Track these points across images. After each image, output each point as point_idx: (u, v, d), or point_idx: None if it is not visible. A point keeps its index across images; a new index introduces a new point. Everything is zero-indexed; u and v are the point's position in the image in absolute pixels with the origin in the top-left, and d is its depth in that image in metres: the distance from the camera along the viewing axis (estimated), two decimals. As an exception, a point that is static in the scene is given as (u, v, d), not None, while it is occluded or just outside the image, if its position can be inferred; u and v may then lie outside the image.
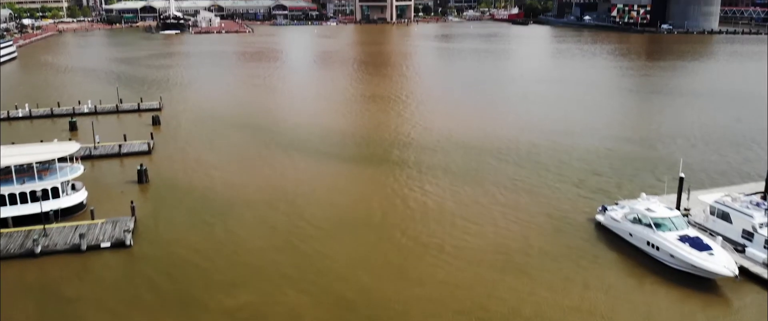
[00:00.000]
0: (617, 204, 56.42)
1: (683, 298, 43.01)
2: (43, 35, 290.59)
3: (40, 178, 57.61)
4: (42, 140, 79.11)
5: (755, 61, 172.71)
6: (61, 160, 60.70)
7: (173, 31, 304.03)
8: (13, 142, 76.51)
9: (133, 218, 56.21)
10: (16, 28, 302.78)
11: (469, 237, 52.61)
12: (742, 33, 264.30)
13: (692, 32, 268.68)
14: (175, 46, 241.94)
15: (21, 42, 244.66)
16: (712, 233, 50.19)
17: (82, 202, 59.97)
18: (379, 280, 45.68)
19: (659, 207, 50.28)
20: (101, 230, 53.77)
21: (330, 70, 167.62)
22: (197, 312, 41.83)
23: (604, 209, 55.06)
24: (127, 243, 51.52)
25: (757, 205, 49.77)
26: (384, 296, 43.39)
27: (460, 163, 74.41)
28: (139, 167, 69.25)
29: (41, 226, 53.93)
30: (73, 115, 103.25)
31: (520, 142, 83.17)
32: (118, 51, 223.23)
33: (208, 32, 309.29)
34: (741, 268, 44.60)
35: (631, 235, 50.45)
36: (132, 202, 58.11)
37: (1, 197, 55.52)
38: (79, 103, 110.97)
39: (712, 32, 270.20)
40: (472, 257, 48.78)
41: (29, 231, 53.77)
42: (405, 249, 50.81)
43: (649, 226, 48.70)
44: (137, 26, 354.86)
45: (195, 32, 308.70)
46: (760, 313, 40.99)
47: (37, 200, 55.42)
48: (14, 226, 55.04)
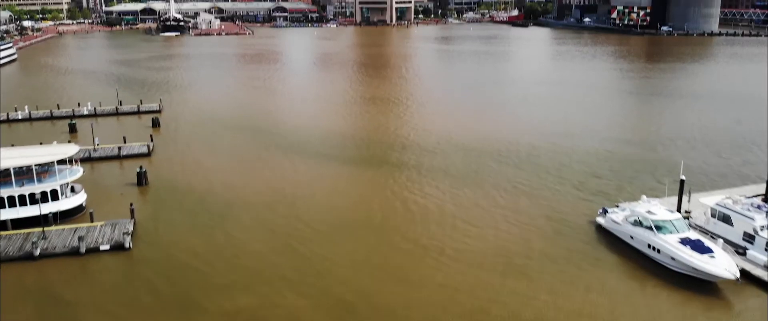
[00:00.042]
0: (618, 206, 56.31)
1: (684, 301, 42.84)
2: (43, 37, 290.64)
3: (40, 181, 57.49)
4: (41, 142, 78.88)
5: (755, 63, 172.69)
6: (61, 163, 60.59)
7: (173, 33, 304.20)
8: (13, 145, 76.45)
9: (133, 221, 56.06)
10: (16, 30, 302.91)
11: (470, 240, 52.44)
12: (742, 35, 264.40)
13: (692, 34, 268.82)
14: (175, 48, 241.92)
15: (21, 44, 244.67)
16: (713, 236, 50.03)
17: (82, 205, 59.85)
18: (379, 283, 45.51)
19: (660, 209, 50.13)
20: (100, 233, 53.61)
21: (330, 72, 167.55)
22: (196, 315, 41.66)
23: (605, 212, 54.91)
24: (127, 246, 51.36)
25: (758, 207, 49.65)
26: (384, 299, 43.21)
27: (460, 165, 74.27)
28: (139, 169, 69.12)
29: (40, 229, 53.79)
30: (73, 117, 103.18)
31: (520, 144, 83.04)
32: (118, 53, 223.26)
33: (208, 34, 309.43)
34: (742, 271, 44.43)
35: (631, 238, 50.29)
36: (131, 205, 57.99)
37: (0, 199, 55.37)
38: (79, 105, 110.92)
39: (712, 34, 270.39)
40: (473, 260, 48.62)
41: (28, 233, 53.62)
42: (405, 252, 50.64)
43: (650, 228, 48.54)
44: (137, 28, 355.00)
45: (195, 34, 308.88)
46: (762, 316, 40.83)
47: (37, 203, 55.30)
48: (13, 228, 54.95)
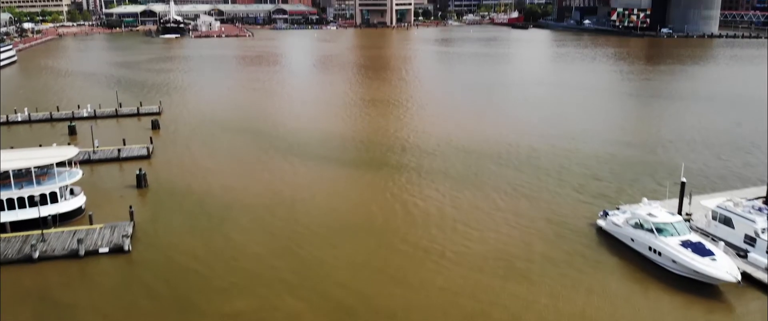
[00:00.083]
0: (618, 209, 56.11)
1: (686, 304, 42.65)
2: (43, 39, 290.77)
3: (39, 183, 57.34)
4: (41, 144, 78.83)
5: (755, 65, 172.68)
6: (60, 165, 60.38)
7: (173, 35, 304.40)
8: (12, 147, 76.38)
9: (132, 223, 55.90)
10: (16, 32, 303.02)
11: (470, 243, 52.23)
12: (742, 37, 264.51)
13: (692, 36, 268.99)
14: (175, 50, 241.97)
15: (21, 46, 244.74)
16: (715, 238, 49.86)
17: (81, 207, 59.65)
18: (378, 286, 45.31)
19: (661, 212, 49.95)
20: (100, 235, 53.43)
21: (330, 74, 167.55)
22: (195, 318, 41.44)
23: (606, 214, 54.73)
24: (126, 248, 51.18)
25: (760, 210, 49.52)
26: (384, 303, 42.99)
27: (460, 167, 74.11)
28: (138, 172, 68.97)
29: (39, 231, 53.61)
30: (73, 119, 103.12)
31: (520, 147, 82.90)
32: (118, 55, 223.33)
33: (208, 36, 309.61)
34: (743, 274, 44.23)
35: (632, 241, 50.11)
36: (130, 207, 57.83)
37: (-1, 202, 55.28)
38: (79, 107, 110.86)
39: (712, 36, 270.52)
40: (474, 263, 48.41)
41: (27, 236, 53.44)
42: (405, 254, 50.43)
43: (651, 231, 48.37)
44: (137, 30, 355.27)
45: (195, 36, 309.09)
46: (763, 319, 40.64)
47: (36, 205, 55.09)
48: (12, 231, 54.73)
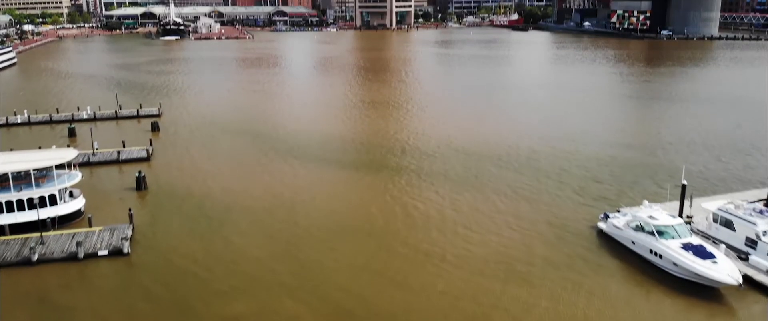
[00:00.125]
0: (619, 211, 55.98)
1: (687, 307, 42.46)
2: (43, 41, 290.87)
3: (38, 185, 57.17)
4: (40, 147, 78.79)
5: (755, 67, 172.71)
6: (59, 167, 60.21)
7: (173, 37, 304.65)
8: (12, 149, 76.25)
9: (131, 226, 55.72)
10: (16, 34, 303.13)
11: (471, 246, 52.04)
12: (742, 39, 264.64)
13: (692, 38, 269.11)
14: (175, 52, 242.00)
15: (21, 48, 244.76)
16: (716, 241, 49.71)
17: (80, 210, 59.48)
18: (378, 289, 45.12)
19: (662, 214, 49.79)
20: (99, 238, 53.25)
21: (330, 76, 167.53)
22: (195, 321, 41.30)
23: (606, 216, 54.56)
24: (125, 251, 51.00)
25: (761, 212, 49.32)
26: (384, 306, 42.79)
27: (460, 169, 73.98)
28: (138, 174, 68.83)
29: (38, 234, 53.40)
30: (72, 121, 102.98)
31: (520, 149, 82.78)
32: (118, 57, 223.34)
33: (208, 38, 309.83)
34: (745, 277, 44.06)
35: (633, 243, 49.94)
36: (130, 210, 57.68)
37: (-2, 204, 55.13)
38: (78, 109, 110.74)
39: (712, 38, 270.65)
40: (474, 266, 48.21)
41: (26, 238, 53.24)
42: (405, 258, 50.24)
43: (652, 233, 48.22)
44: (137, 32, 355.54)
45: (195, 38, 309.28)
46: (765, 323, 40.52)
47: (35, 207, 54.91)
48: (11, 233, 54.48)
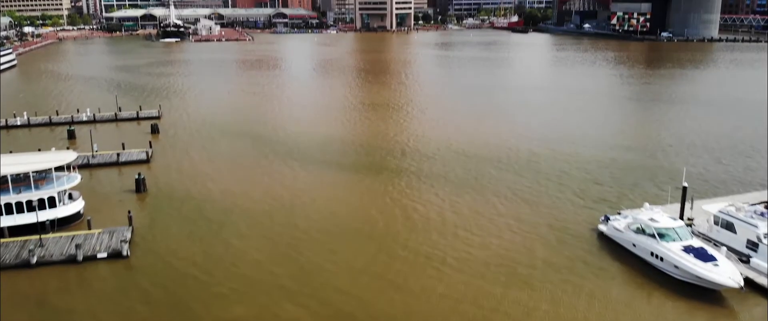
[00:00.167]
0: (620, 214, 55.83)
1: (688, 310, 42.30)
2: (43, 43, 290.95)
3: (37, 188, 57.03)
4: (40, 149, 78.68)
5: (755, 69, 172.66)
6: (58, 169, 60.12)
7: (173, 39, 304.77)
8: (11, 151, 76.06)
9: (131, 228, 55.59)
10: (16, 35, 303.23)
11: (472, 248, 51.81)
12: (742, 41, 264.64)
13: (692, 40, 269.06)
14: (175, 54, 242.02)
15: (21, 50, 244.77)
16: (717, 243, 49.56)
17: (79, 212, 59.34)
18: (378, 292, 44.93)
19: (663, 217, 49.63)
20: (98, 240, 53.10)
21: (329, 78, 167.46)
22: (194, 324, 41.15)
23: (607, 219, 54.41)
24: (124, 253, 50.86)
25: (762, 214, 49.14)
26: (384, 310, 42.61)
27: (460, 171, 73.84)
28: (137, 176, 68.68)
29: (37, 236, 53.24)
30: (72, 123, 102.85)
31: (520, 151, 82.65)
32: (118, 59, 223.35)
33: (208, 40, 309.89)
34: (746, 279, 43.91)
35: (634, 246, 49.79)
36: (129, 212, 57.55)
37: (-3, 207, 55.00)
38: (78, 111, 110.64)
39: (711, 40, 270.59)
40: (475, 269, 48.02)
41: (25, 241, 53.11)
42: (405, 260, 50.06)
43: (653, 236, 48.06)
44: (137, 34, 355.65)
45: (195, 40, 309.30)
46: (766, 326, 40.37)
47: (34, 210, 54.78)
48: (10, 235, 54.38)
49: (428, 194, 65.89)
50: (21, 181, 57.38)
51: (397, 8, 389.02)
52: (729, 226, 49.90)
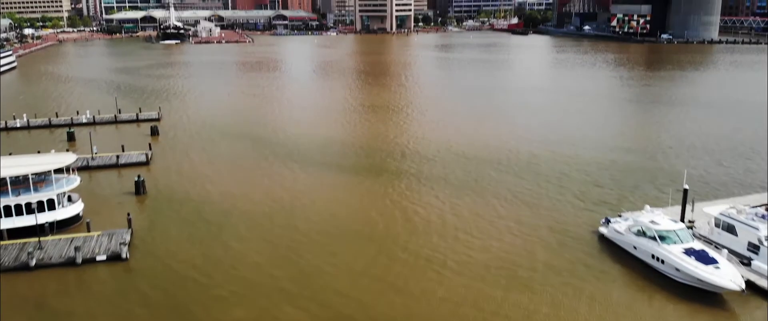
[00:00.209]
0: (620, 216, 55.65)
1: (690, 313, 42.14)
2: (43, 45, 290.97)
3: (36, 190, 56.88)
4: (39, 151, 78.51)
5: (755, 71, 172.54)
6: (58, 172, 59.99)
7: (173, 41, 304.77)
8: (11, 153, 75.98)
9: (130, 230, 55.44)
10: (17, 37, 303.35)
11: (472, 251, 51.64)
12: (742, 42, 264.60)
13: (692, 42, 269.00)
14: (175, 55, 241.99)
15: (21, 52, 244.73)
16: (718, 246, 49.42)
17: (78, 214, 59.20)
18: (378, 295, 44.78)
19: (663, 219, 49.49)
20: (97, 243, 52.97)
21: (329, 80, 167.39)
22: (193, 327, 41.00)
23: (608, 221, 54.25)
24: (123, 256, 50.71)
25: (763, 217, 49.04)
26: (384, 313, 42.46)
27: (460, 173, 73.71)
28: (137, 178, 68.52)
29: (36, 239, 53.10)
30: (71, 125, 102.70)
31: (520, 153, 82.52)
32: (118, 61, 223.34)
33: (208, 42, 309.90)
34: (747, 282, 43.75)
35: (635, 248, 49.65)
36: (129, 214, 57.40)
37: (-4, 209, 54.86)
38: (78, 113, 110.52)
39: (712, 42, 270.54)
40: (476, 272, 47.85)
41: (24, 243, 52.98)
42: (406, 263, 49.91)
43: (654, 238, 47.92)
44: (137, 36, 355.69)
45: (195, 42, 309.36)
46: (768, 329, 40.22)
47: (33, 212, 54.65)
48: (9, 238, 54.27)
49: (428, 196, 65.75)
50: (20, 183, 57.30)
51: (397, 10, 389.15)
52: (730, 229, 49.78)
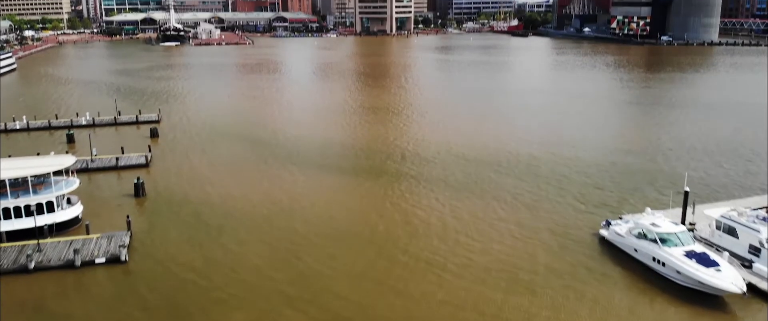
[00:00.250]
0: (621, 218, 55.50)
1: (691, 316, 41.98)
2: (43, 47, 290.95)
3: (35, 192, 56.77)
4: (39, 153, 78.40)
5: (755, 73, 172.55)
6: (57, 174, 59.78)
7: (173, 43, 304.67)
8: (10, 155, 75.84)
9: (129, 233, 55.26)
10: (16, 39, 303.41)
11: (473, 254, 51.45)
12: (742, 44, 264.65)
13: (692, 44, 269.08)
14: (175, 57, 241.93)
15: (21, 53, 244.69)
16: (719, 248, 49.29)
17: (78, 217, 59.06)
18: (378, 298, 44.60)
19: (664, 222, 49.34)
20: (96, 245, 52.79)
21: (329, 82, 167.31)
22: (192, 331, 40.83)
23: (608, 224, 54.11)
24: (123, 258, 50.54)
25: (764, 219, 48.86)
26: (384, 315, 42.28)
27: (460, 176, 73.56)
28: (136, 180, 68.36)
29: (35, 241, 52.94)
30: (71, 127, 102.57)
31: (520, 155, 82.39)
32: (118, 63, 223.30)
33: (208, 44, 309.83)
34: (748, 285, 43.62)
35: (636, 251, 49.50)
36: (128, 217, 57.24)
37: (-5, 211, 54.71)
38: (77, 115, 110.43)
39: (712, 44, 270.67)
40: (476, 275, 47.66)
41: (23, 246, 52.82)
42: (406, 266, 49.73)
43: (655, 241, 47.77)
44: (137, 38, 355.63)
45: (195, 44, 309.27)
46: (770, 332, 40.05)
47: (32, 214, 54.50)
48: (8, 240, 54.08)
49: (428, 198, 65.59)
50: (19, 185, 57.19)
51: (397, 12, 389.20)
52: (731, 231, 49.63)
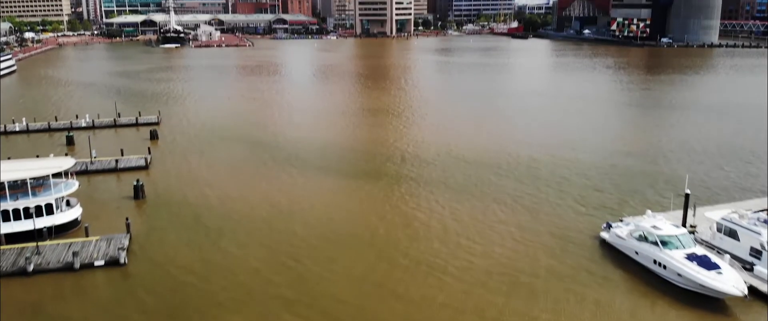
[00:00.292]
0: (622, 221, 55.34)
1: (693, 319, 41.77)
2: (43, 49, 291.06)
3: (34, 194, 56.60)
4: (38, 155, 78.18)
5: (755, 75, 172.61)
6: (56, 176, 59.63)
7: (173, 45, 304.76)
8: (9, 157, 75.69)
9: (128, 235, 55.08)
10: (16, 41, 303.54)
11: (473, 257, 51.23)
12: (742, 46, 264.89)
13: (692, 46, 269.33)
14: (175, 59, 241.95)
15: (21, 55, 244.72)
16: (720, 251, 49.12)
17: (77, 219, 58.86)
18: (378, 302, 44.39)
19: (665, 224, 49.18)
20: (95, 248, 52.62)
21: (329, 84, 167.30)
22: (192, 334, 40.66)
23: (609, 226, 53.96)
24: (122, 261, 50.36)
25: (765, 222, 48.70)
26: (384, 319, 42.03)
27: (460, 178, 73.41)
28: (136, 183, 68.21)
29: (34, 244, 52.78)
30: (71, 129, 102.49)
31: (520, 157, 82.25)
32: (117, 65, 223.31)
33: (208, 46, 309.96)
34: (750, 287, 43.43)
35: (637, 253, 49.33)
36: (127, 219, 57.04)
37: (-7, 214, 54.54)
38: (77, 117, 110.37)
39: (712, 46, 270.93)
40: (477, 278, 47.44)
41: (22, 248, 52.61)
42: (406, 269, 49.52)
43: (656, 244, 47.60)
44: (137, 40, 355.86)
45: (195, 46, 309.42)
46: (771, 335, 39.88)
47: (31, 217, 54.29)
48: (7, 243, 53.84)
49: (428, 201, 65.43)
50: (18, 187, 57.01)
51: (397, 14, 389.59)
52: (732, 234, 49.47)
